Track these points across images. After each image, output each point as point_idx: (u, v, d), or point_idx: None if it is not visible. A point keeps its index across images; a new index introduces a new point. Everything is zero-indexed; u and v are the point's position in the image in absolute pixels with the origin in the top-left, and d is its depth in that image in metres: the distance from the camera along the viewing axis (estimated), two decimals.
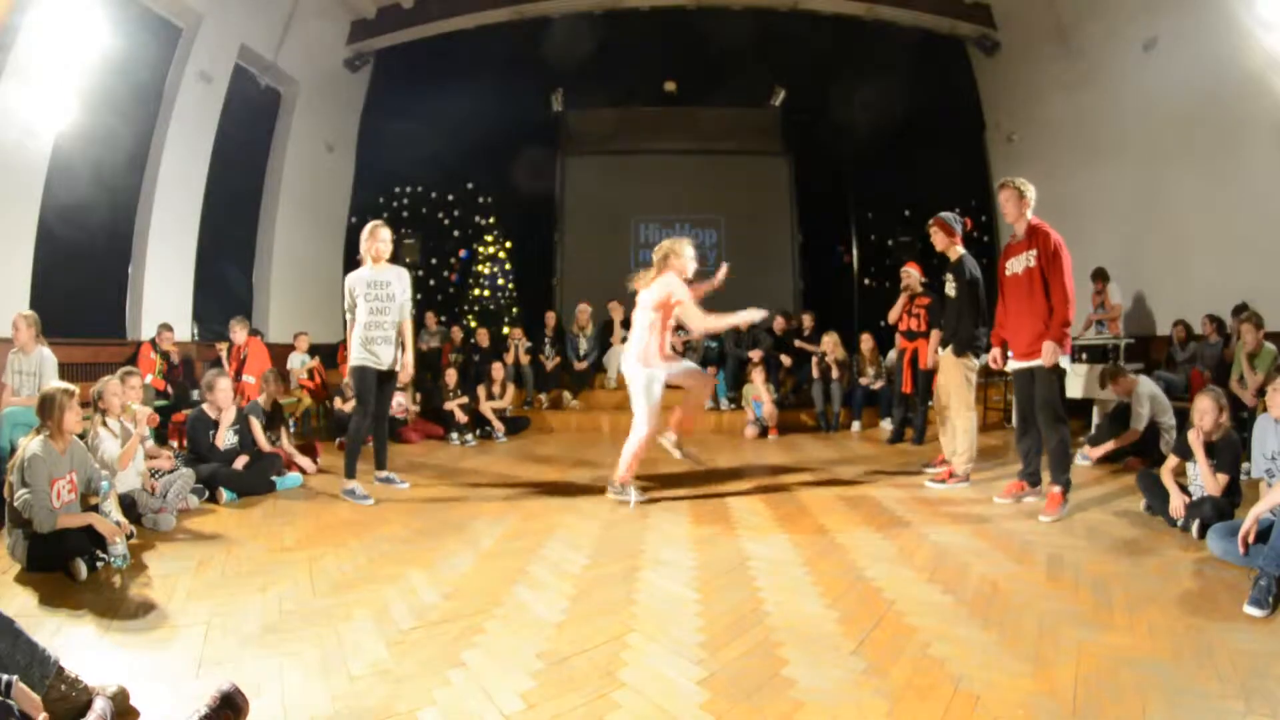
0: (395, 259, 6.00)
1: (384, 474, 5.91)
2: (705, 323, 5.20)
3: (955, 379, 5.87)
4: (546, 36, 11.93)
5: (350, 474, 5.52)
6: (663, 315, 5.24)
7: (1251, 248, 8.01)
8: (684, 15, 12.00)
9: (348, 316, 5.66)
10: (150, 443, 5.63)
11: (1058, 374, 4.89)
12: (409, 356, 5.81)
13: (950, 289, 6.05)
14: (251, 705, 2.24)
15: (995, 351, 5.31)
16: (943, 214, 6.22)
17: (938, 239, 6.20)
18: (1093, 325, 9.21)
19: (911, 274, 7.94)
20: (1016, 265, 5.02)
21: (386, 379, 5.71)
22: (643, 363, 5.21)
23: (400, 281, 5.73)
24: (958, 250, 6.11)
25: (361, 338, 5.55)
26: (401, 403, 8.72)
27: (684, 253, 5.31)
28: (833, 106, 12.64)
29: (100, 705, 2.19)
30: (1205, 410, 4.33)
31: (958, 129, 12.73)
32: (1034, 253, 4.86)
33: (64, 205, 7.67)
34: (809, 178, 13.45)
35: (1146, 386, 6.36)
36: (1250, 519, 3.54)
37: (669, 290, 5.15)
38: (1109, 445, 6.47)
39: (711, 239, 13.68)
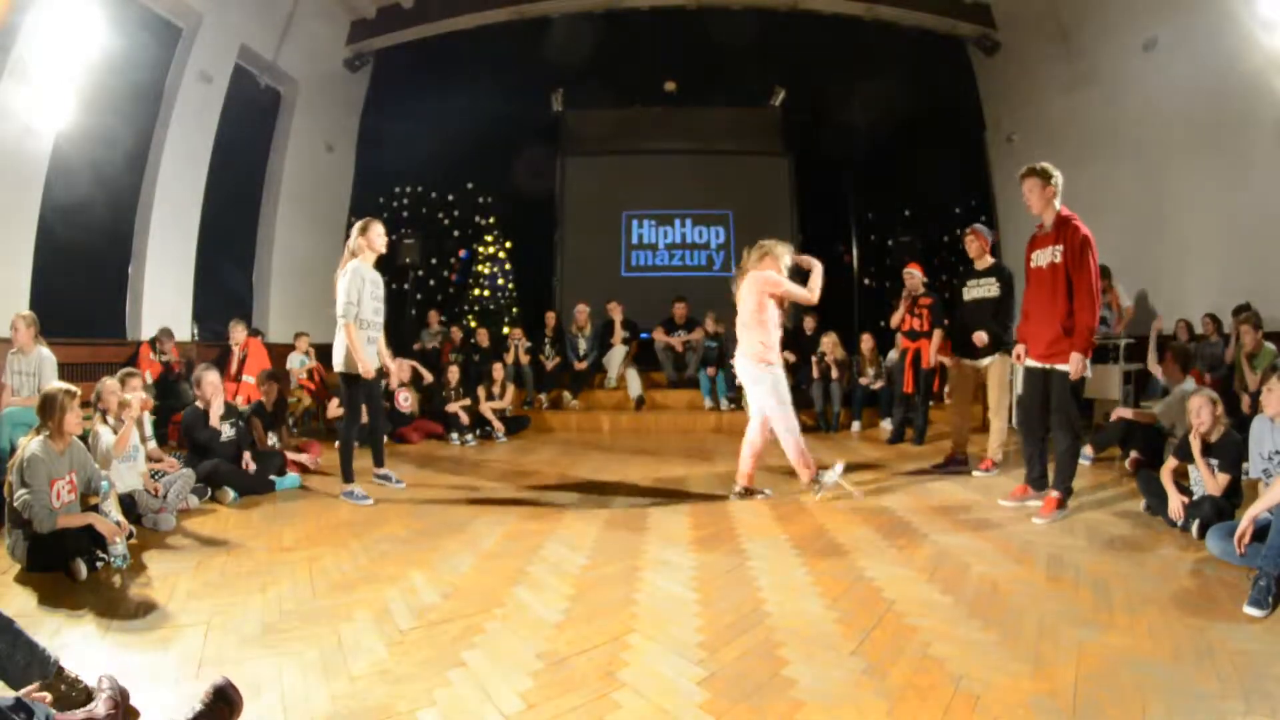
0: (395, 259, 5.99)
1: (381, 471, 5.90)
2: (810, 292, 5.39)
3: (1002, 378, 6.12)
4: (547, 36, 11.92)
5: (348, 477, 5.47)
6: (759, 308, 5.32)
7: (1252, 248, 8.02)
8: (684, 15, 12.01)
9: (348, 309, 5.28)
10: (153, 444, 5.62)
11: (1077, 380, 4.69)
12: (389, 360, 5.86)
13: (994, 290, 6.11)
14: (251, 706, 2.25)
15: (1020, 348, 5.06)
16: (978, 224, 6.45)
17: (972, 247, 6.35)
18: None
19: (914, 274, 7.97)
20: (1041, 259, 4.78)
21: (375, 382, 5.65)
22: (762, 361, 5.29)
23: (382, 285, 5.72)
24: (989, 259, 6.29)
25: (362, 338, 5.37)
26: (408, 397, 8.74)
27: (780, 254, 5.39)
28: (833, 106, 12.66)
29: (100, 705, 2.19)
30: (1198, 410, 4.33)
31: (958, 129, 12.74)
32: (1060, 248, 4.62)
33: (64, 205, 7.67)
34: (809, 178, 13.43)
35: (1190, 387, 6.06)
36: (1246, 520, 3.53)
37: (763, 281, 5.29)
38: (1131, 412, 6.45)
39: (719, 238, 13.65)
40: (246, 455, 5.81)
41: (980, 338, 6.10)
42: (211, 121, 9.66)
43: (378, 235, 5.61)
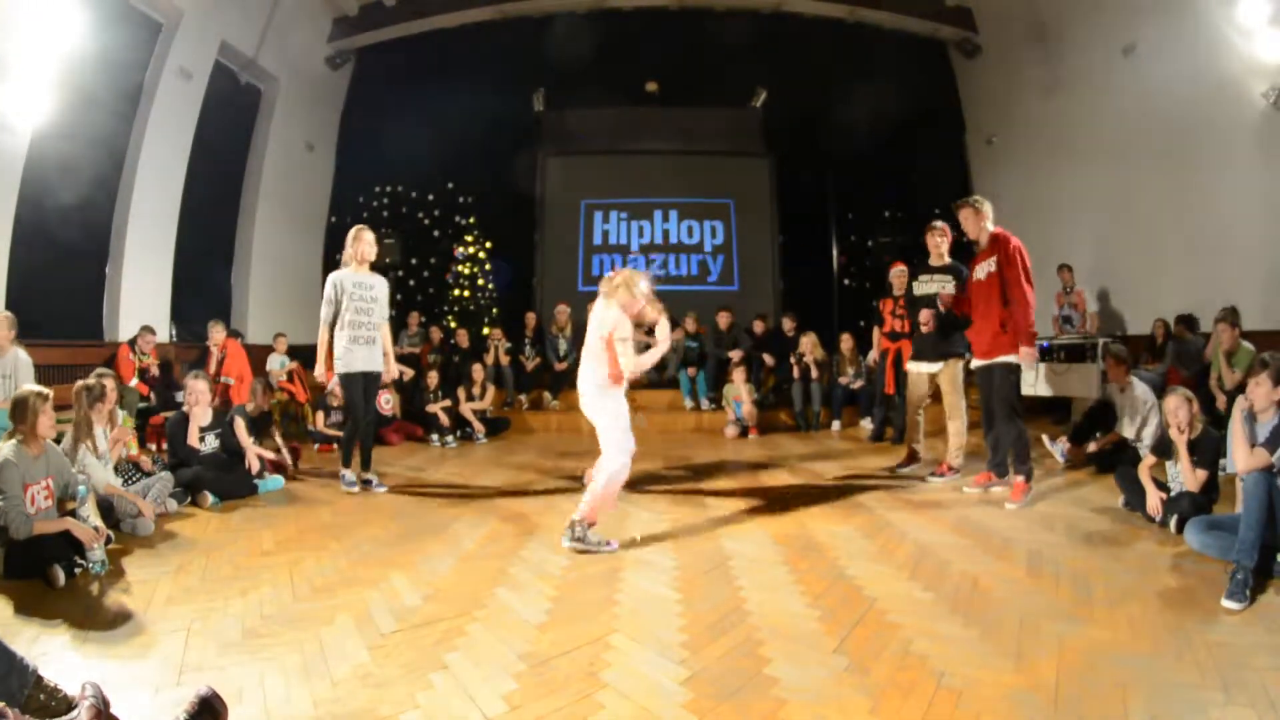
0: (376, 258, 6.05)
1: (366, 475, 5.90)
2: (638, 363, 4.60)
3: (955, 382, 6.04)
4: (529, 36, 11.92)
5: (346, 463, 5.87)
6: (609, 344, 4.55)
7: (1226, 250, 8.13)
8: (667, 16, 12.05)
9: (325, 311, 5.67)
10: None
11: (1014, 372, 5.15)
12: (391, 361, 6.04)
13: (949, 288, 6.02)
14: (233, 711, 2.23)
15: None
16: (942, 222, 6.17)
17: (943, 244, 6.12)
18: (1059, 322, 9.32)
19: (905, 273, 7.96)
20: (980, 272, 5.33)
21: (371, 381, 5.84)
22: (601, 386, 4.64)
23: (382, 288, 5.95)
24: (946, 258, 6.11)
25: (348, 338, 5.65)
26: (389, 399, 8.69)
27: (637, 287, 4.60)
28: (814, 108, 12.70)
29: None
30: (1175, 409, 4.36)
31: (938, 131, 12.84)
32: (995, 259, 5.15)
33: (41, 204, 7.58)
34: (790, 179, 13.46)
35: (1141, 391, 6.21)
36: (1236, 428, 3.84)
37: (613, 324, 4.50)
38: (1091, 446, 6.42)
39: (716, 238, 13.57)
40: (251, 454, 5.81)
41: (926, 314, 5.93)
42: (191, 119, 9.56)
43: (366, 244, 5.83)
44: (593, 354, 4.64)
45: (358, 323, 5.70)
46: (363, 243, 5.81)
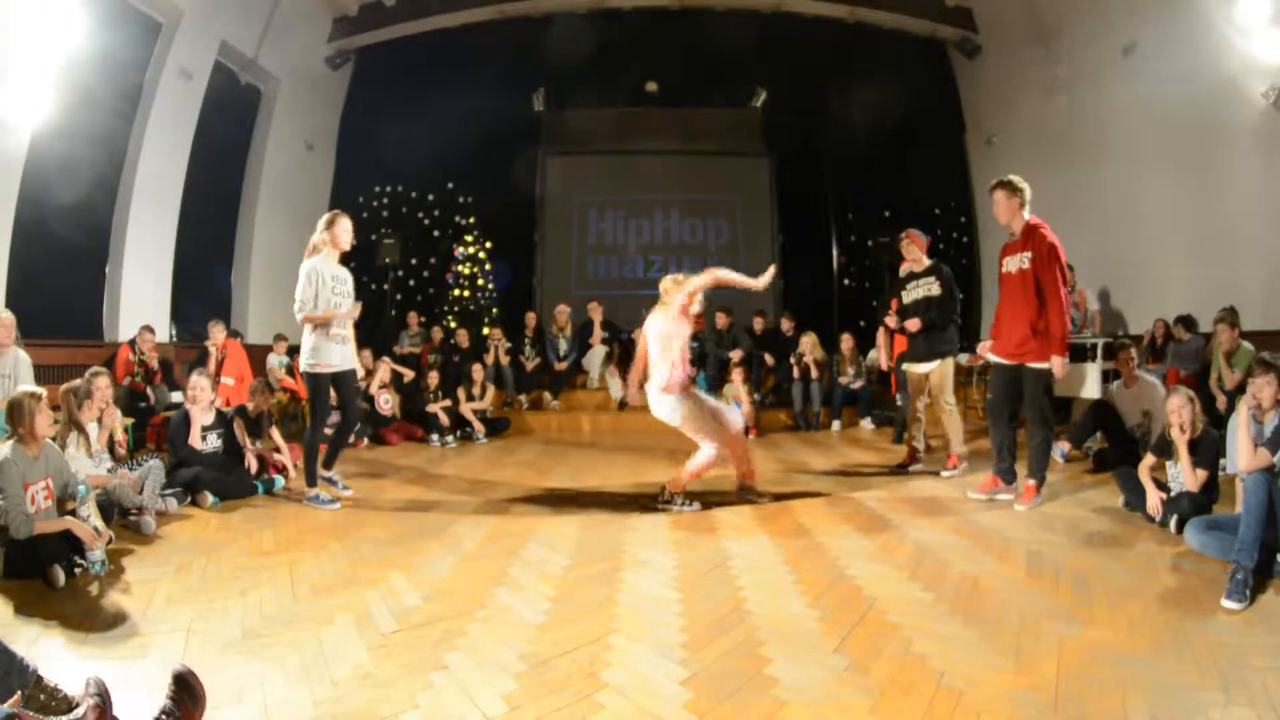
0: (374, 259, 5.89)
1: (328, 474, 5.55)
2: (715, 274, 4.96)
3: (947, 379, 6.10)
4: (529, 36, 11.92)
5: (310, 482, 5.31)
6: (676, 339, 5.05)
7: (1226, 250, 8.13)
8: (667, 16, 12.03)
9: (305, 294, 5.09)
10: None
11: (1046, 377, 4.93)
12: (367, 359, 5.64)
13: (935, 289, 6.08)
14: (233, 711, 2.23)
15: (984, 345, 5.31)
16: (913, 229, 6.45)
17: (911, 251, 6.33)
18: None
19: None
20: (1011, 265, 5.03)
21: (345, 380, 5.44)
22: (667, 391, 5.03)
23: (350, 281, 5.44)
24: (925, 260, 6.31)
25: (322, 334, 5.18)
26: (389, 399, 8.67)
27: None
28: (814, 108, 12.73)
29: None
30: (1178, 409, 4.36)
31: (938, 131, 12.83)
32: (1029, 254, 4.86)
33: (41, 203, 7.58)
34: (790, 179, 13.49)
35: (1159, 390, 6.22)
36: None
37: (679, 308, 5.02)
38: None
39: (720, 237, 13.58)
40: (249, 454, 5.78)
41: (914, 323, 6.10)
42: (191, 119, 9.57)
43: (344, 231, 5.30)
44: (654, 364, 5.15)
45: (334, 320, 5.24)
46: (340, 229, 5.26)
